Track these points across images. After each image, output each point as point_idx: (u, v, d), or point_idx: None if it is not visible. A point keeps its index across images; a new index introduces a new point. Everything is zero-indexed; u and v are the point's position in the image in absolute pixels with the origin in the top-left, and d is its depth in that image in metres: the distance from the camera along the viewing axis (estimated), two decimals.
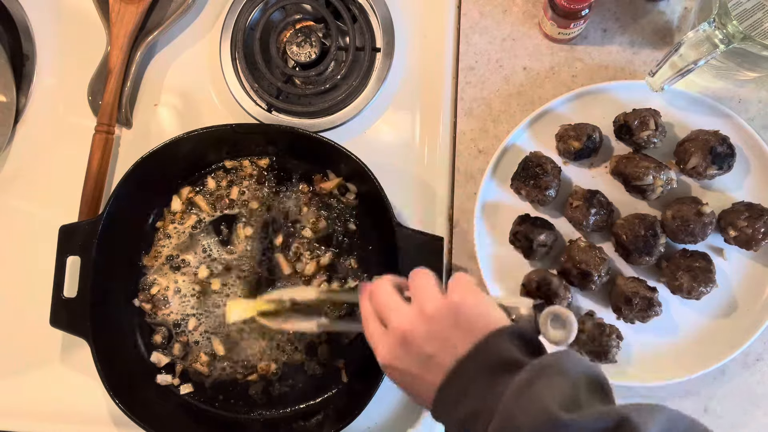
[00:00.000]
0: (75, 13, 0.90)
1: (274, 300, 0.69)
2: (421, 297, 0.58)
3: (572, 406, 0.49)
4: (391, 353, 0.58)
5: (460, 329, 0.55)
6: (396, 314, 0.58)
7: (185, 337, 0.82)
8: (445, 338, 0.55)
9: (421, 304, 0.57)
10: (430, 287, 0.58)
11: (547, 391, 0.50)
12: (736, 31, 0.65)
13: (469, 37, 0.84)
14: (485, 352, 0.53)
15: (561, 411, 0.48)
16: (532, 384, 0.50)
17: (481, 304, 0.57)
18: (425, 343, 0.56)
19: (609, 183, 0.78)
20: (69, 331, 0.78)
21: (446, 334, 0.55)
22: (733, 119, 0.76)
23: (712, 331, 0.76)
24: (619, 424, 0.47)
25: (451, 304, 0.56)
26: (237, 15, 0.86)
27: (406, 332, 0.56)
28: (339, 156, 0.78)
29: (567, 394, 0.50)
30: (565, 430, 0.47)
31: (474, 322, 0.55)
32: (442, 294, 0.58)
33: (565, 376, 0.51)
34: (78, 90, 0.88)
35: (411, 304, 0.58)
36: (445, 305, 0.56)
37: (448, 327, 0.56)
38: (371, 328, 0.60)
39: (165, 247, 0.83)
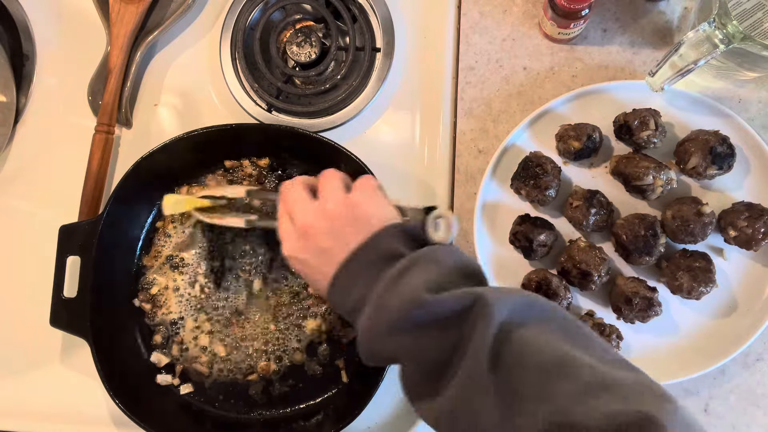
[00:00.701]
0: (75, 13, 0.90)
1: (208, 196, 0.74)
2: (325, 195, 0.64)
3: (438, 288, 0.54)
4: (294, 246, 0.64)
5: (354, 226, 0.61)
6: (301, 211, 0.64)
7: (185, 337, 0.82)
8: (341, 234, 0.61)
9: (324, 202, 0.63)
10: (335, 186, 0.64)
11: (417, 276, 0.55)
12: (736, 31, 0.65)
13: (469, 37, 0.84)
14: (373, 246, 0.59)
15: (426, 292, 0.54)
16: (406, 271, 0.56)
17: (376, 204, 0.63)
18: (323, 237, 0.61)
19: (609, 183, 0.79)
20: (69, 331, 0.78)
21: (342, 230, 0.61)
22: (733, 119, 0.76)
23: (712, 331, 0.76)
24: (475, 301, 0.53)
25: (349, 203, 0.62)
26: (237, 15, 0.86)
27: (307, 227, 0.62)
28: (339, 156, 0.78)
29: (435, 279, 0.55)
30: (427, 307, 0.53)
31: (367, 220, 0.61)
32: (345, 193, 0.63)
33: (438, 264, 0.57)
34: (78, 90, 0.88)
35: (316, 202, 0.64)
36: (344, 204, 0.62)
37: (345, 224, 0.61)
38: (282, 224, 0.65)
39: (165, 246, 0.83)
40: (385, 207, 0.63)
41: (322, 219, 0.62)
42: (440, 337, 0.54)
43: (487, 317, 0.51)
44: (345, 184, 0.65)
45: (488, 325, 0.51)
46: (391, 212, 0.63)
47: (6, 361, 0.86)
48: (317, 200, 0.64)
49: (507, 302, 0.53)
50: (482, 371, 0.50)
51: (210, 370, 0.81)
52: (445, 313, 0.53)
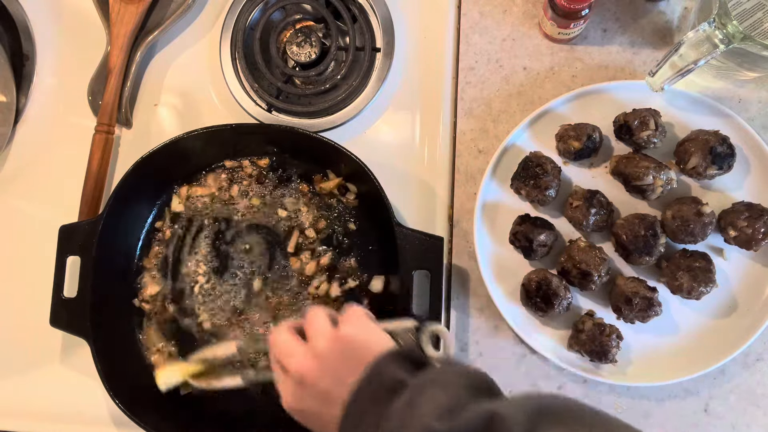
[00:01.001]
0: (75, 13, 0.90)
1: (201, 360, 0.72)
2: (313, 335, 0.60)
3: (449, 415, 0.51)
4: (292, 396, 0.60)
5: (349, 361, 0.58)
6: (292, 359, 0.60)
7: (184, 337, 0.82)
8: (337, 373, 0.58)
9: (313, 343, 0.60)
10: (321, 324, 0.61)
11: (426, 406, 0.52)
12: (736, 31, 0.65)
13: (469, 37, 0.84)
14: (373, 380, 0.56)
15: (438, 422, 0.50)
16: (413, 403, 0.53)
17: (367, 334, 0.60)
18: (320, 380, 0.58)
19: (609, 183, 0.78)
20: (69, 331, 0.78)
21: (337, 368, 0.58)
22: (733, 119, 0.76)
23: (712, 331, 0.76)
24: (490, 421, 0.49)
25: (338, 338, 0.59)
26: (237, 15, 0.86)
27: (302, 373, 0.59)
28: (339, 156, 0.78)
29: (445, 404, 0.52)
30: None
31: (361, 353, 0.58)
32: (333, 329, 0.60)
33: (445, 387, 0.53)
34: (78, 90, 0.88)
35: (305, 345, 0.60)
36: (333, 340, 0.59)
37: (339, 361, 0.58)
38: (276, 374, 0.63)
39: (165, 246, 0.83)
40: (377, 335, 0.61)
41: (314, 362, 0.59)
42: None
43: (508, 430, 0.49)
44: (332, 319, 0.62)
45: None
46: (384, 339, 0.61)
47: (6, 361, 0.86)
48: (307, 343, 0.61)
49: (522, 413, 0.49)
50: None
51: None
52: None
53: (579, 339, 0.74)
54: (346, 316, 0.62)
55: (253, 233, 0.83)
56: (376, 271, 0.81)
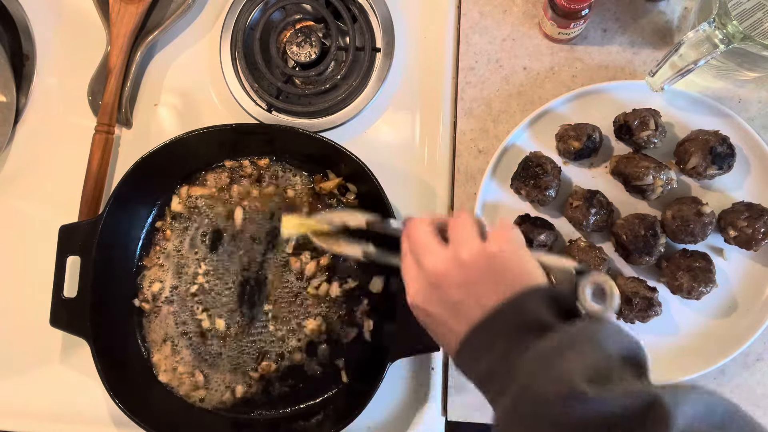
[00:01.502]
0: (75, 13, 0.90)
1: (326, 220, 0.68)
2: (458, 241, 0.55)
3: (601, 379, 0.46)
4: (420, 294, 0.56)
5: (492, 281, 0.53)
6: (430, 255, 0.56)
7: (185, 337, 0.82)
8: (476, 288, 0.53)
9: (456, 248, 0.55)
10: (469, 232, 0.56)
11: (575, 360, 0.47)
12: (736, 31, 0.65)
13: (469, 37, 0.84)
14: (514, 310, 0.51)
15: (586, 384, 0.45)
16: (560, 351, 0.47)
17: (518, 258, 0.54)
18: (455, 289, 0.54)
19: (609, 183, 0.78)
20: (69, 331, 0.78)
21: (478, 283, 0.53)
22: (733, 119, 0.76)
23: (712, 331, 0.76)
24: (650, 405, 0.43)
25: (487, 253, 0.54)
26: (237, 15, 0.86)
27: (438, 275, 0.55)
28: (339, 156, 0.78)
29: (597, 366, 0.47)
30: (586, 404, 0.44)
31: (507, 276, 0.53)
32: (481, 241, 0.55)
33: (599, 347, 0.48)
34: (78, 90, 0.88)
35: (447, 247, 0.56)
36: (481, 253, 0.54)
37: (481, 276, 0.53)
38: (406, 266, 0.58)
39: (165, 246, 0.83)
40: (529, 263, 0.55)
41: (455, 268, 0.54)
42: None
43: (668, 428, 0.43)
44: (480, 231, 0.56)
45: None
46: (536, 270, 0.55)
47: (6, 361, 0.86)
48: (448, 245, 0.55)
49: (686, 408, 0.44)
50: None
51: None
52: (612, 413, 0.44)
53: None
54: (497, 234, 0.55)
55: (253, 233, 0.83)
56: (376, 271, 0.81)
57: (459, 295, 0.54)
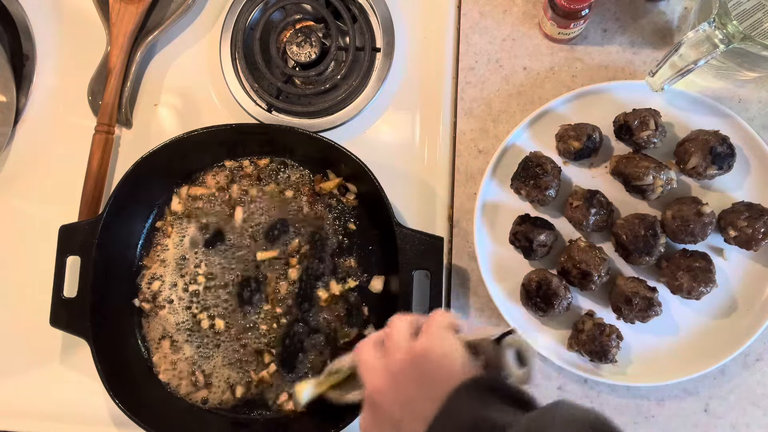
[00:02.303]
0: (75, 13, 0.90)
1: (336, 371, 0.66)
2: (389, 348, 0.55)
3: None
4: (365, 419, 0.55)
5: (422, 387, 0.51)
6: (369, 374, 0.55)
7: (184, 336, 0.82)
8: (411, 400, 0.51)
9: (389, 358, 0.54)
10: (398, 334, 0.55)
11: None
12: (736, 31, 0.65)
13: (469, 37, 0.84)
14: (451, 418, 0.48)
15: None
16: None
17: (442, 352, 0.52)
18: (392, 407, 0.52)
19: (609, 183, 0.78)
20: (69, 331, 0.78)
21: (411, 393, 0.51)
22: (733, 119, 0.76)
23: (712, 331, 0.76)
24: None
25: (414, 354, 0.53)
26: (237, 15, 0.86)
27: (375, 393, 0.54)
28: (339, 156, 0.78)
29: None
30: None
31: (436, 377, 0.51)
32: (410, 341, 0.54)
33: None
34: (78, 90, 0.88)
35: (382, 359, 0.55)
36: (408, 359, 0.53)
37: (413, 385, 0.52)
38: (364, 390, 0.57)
39: (165, 246, 0.83)
40: (457, 354, 0.52)
41: (388, 383, 0.53)
42: None
43: None
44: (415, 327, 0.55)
45: None
46: (464, 359, 0.52)
47: (6, 361, 0.86)
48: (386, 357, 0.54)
49: None
50: None
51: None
52: None
53: (579, 339, 0.74)
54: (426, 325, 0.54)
55: (253, 233, 0.83)
56: (376, 271, 0.81)
57: (398, 413, 0.52)
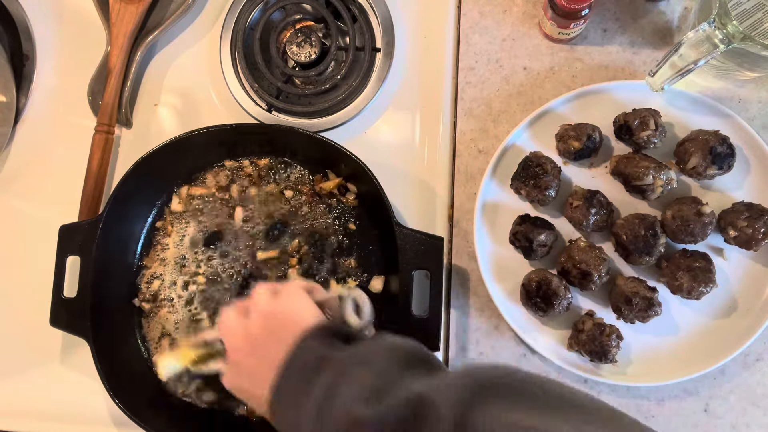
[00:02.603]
0: (75, 13, 0.90)
1: (201, 344, 0.68)
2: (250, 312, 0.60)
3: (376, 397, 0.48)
4: (227, 377, 0.61)
5: (277, 338, 0.56)
6: (230, 337, 0.60)
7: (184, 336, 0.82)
8: (266, 351, 0.56)
9: (248, 320, 0.59)
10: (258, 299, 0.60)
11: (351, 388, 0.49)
12: (736, 31, 0.65)
13: (469, 37, 0.84)
14: (295, 358, 0.54)
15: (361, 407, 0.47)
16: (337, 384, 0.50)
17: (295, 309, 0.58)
18: (249, 360, 0.58)
19: (609, 183, 0.78)
20: (69, 331, 0.78)
21: (266, 346, 0.56)
22: (733, 119, 0.76)
23: (712, 331, 0.76)
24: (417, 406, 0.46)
25: (269, 314, 0.58)
26: (237, 15, 0.86)
27: (233, 352, 0.59)
28: (339, 156, 0.78)
29: (369, 385, 0.49)
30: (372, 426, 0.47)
31: (289, 328, 0.56)
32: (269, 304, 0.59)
33: (370, 365, 0.51)
34: (78, 90, 0.88)
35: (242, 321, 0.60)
36: (262, 317, 0.58)
37: (267, 339, 0.57)
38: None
39: (165, 246, 0.83)
40: (306, 309, 0.58)
41: (244, 340, 0.58)
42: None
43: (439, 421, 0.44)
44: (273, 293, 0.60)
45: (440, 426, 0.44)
46: (311, 312, 0.58)
47: (6, 361, 0.86)
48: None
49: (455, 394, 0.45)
50: None
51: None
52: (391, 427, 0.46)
53: (579, 339, 0.74)
54: (281, 290, 0.60)
55: (253, 233, 0.83)
56: (376, 271, 0.81)
57: (253, 365, 0.57)
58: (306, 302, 0.60)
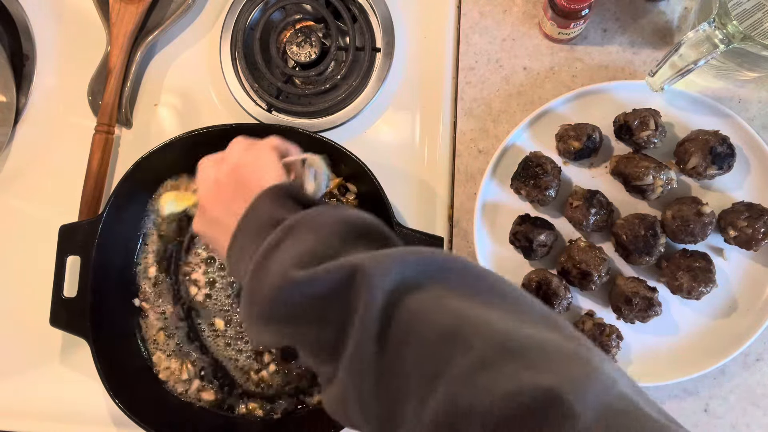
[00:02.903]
0: (75, 13, 0.90)
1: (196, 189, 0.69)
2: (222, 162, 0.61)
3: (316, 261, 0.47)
4: (196, 221, 0.63)
5: (239, 191, 0.57)
6: (202, 183, 0.62)
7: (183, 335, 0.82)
8: (229, 202, 0.58)
9: (218, 169, 0.61)
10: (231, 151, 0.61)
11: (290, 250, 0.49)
12: (736, 31, 0.65)
13: (469, 37, 0.84)
14: (254, 214, 0.55)
15: (297, 269, 0.47)
16: (278, 245, 0.50)
17: (261, 166, 0.59)
18: (214, 208, 0.59)
19: (609, 183, 0.78)
20: (69, 330, 0.78)
21: (230, 198, 0.58)
22: (733, 119, 0.76)
23: (712, 331, 0.76)
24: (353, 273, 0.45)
25: (236, 167, 0.59)
26: (237, 15, 0.86)
27: (202, 198, 0.61)
28: (339, 156, 0.78)
29: (312, 250, 0.48)
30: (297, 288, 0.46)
31: (250, 184, 0.57)
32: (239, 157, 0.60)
33: (317, 230, 0.50)
34: (78, 90, 0.88)
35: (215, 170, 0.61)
36: (231, 168, 0.59)
37: (231, 191, 0.58)
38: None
39: (165, 246, 0.83)
40: (272, 168, 0.59)
41: (212, 189, 0.60)
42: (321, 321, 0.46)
43: (370, 290, 0.43)
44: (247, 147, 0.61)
45: (372, 299, 0.43)
46: (274, 173, 0.59)
47: (6, 361, 0.86)
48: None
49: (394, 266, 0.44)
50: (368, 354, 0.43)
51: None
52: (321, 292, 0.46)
53: None
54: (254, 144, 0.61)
55: None
56: None
57: (217, 213, 0.59)
58: (272, 161, 0.60)
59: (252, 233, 0.54)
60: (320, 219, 0.52)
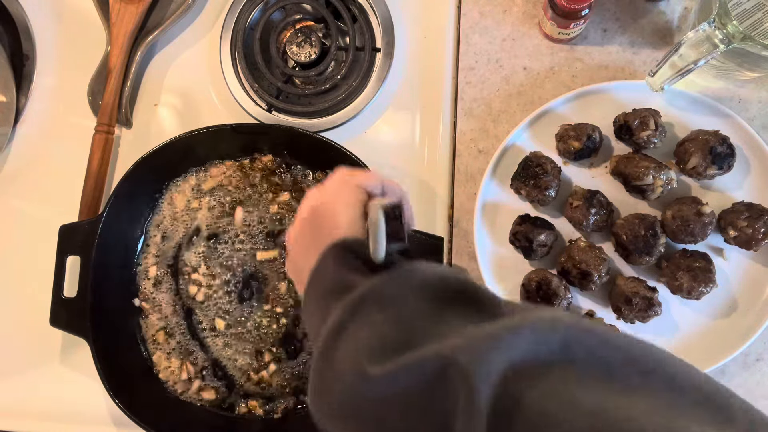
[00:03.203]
0: (75, 13, 0.90)
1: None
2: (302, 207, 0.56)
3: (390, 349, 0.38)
4: (286, 265, 0.59)
5: (315, 237, 0.51)
6: (290, 228, 0.57)
7: (185, 337, 0.82)
8: (307, 248, 0.52)
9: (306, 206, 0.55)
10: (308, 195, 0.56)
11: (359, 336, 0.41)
12: (736, 31, 0.65)
13: (469, 37, 0.84)
14: (318, 276, 0.48)
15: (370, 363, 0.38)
16: (342, 330, 0.42)
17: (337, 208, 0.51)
18: (294, 250, 0.56)
19: (609, 183, 0.78)
20: (69, 330, 0.78)
21: (308, 243, 0.52)
22: (733, 119, 0.76)
23: (712, 331, 0.76)
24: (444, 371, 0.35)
25: (317, 206, 0.53)
26: (237, 15, 0.86)
27: (288, 244, 0.57)
28: (339, 156, 0.78)
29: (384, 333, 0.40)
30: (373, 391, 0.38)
31: (324, 230, 0.51)
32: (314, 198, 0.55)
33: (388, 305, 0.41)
34: (78, 90, 0.88)
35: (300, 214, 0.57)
36: (313, 207, 0.53)
37: (310, 234, 0.53)
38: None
39: (165, 245, 0.83)
40: (344, 211, 0.51)
41: (297, 227, 0.55)
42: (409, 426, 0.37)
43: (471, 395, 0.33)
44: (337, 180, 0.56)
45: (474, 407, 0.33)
46: (348, 217, 0.50)
47: (6, 361, 0.86)
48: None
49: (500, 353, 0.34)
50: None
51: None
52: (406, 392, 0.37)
53: None
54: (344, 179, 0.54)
55: (253, 232, 0.83)
56: None
57: (297, 256, 0.55)
58: (351, 203, 0.51)
59: (318, 296, 0.48)
60: (392, 288, 0.43)
